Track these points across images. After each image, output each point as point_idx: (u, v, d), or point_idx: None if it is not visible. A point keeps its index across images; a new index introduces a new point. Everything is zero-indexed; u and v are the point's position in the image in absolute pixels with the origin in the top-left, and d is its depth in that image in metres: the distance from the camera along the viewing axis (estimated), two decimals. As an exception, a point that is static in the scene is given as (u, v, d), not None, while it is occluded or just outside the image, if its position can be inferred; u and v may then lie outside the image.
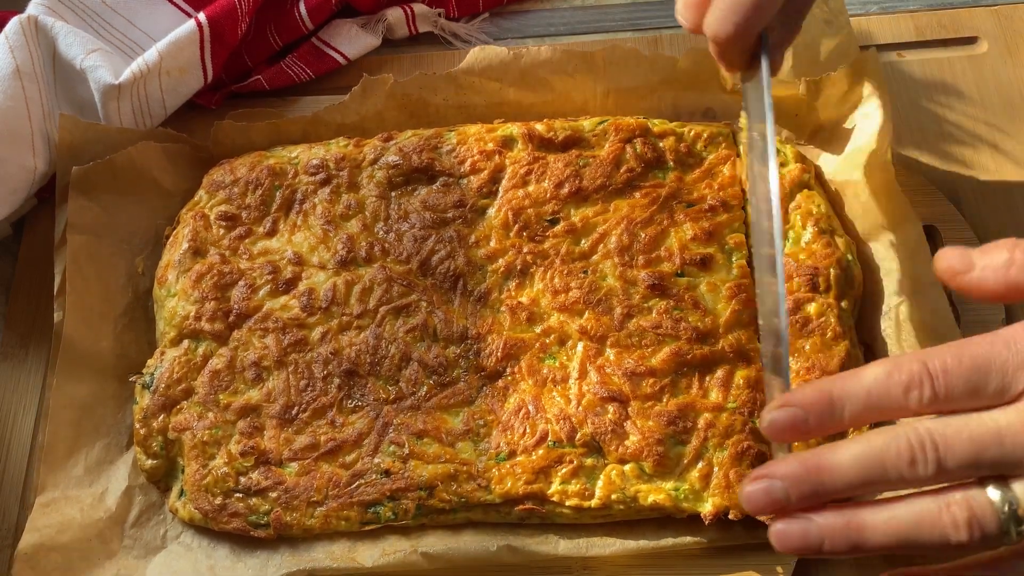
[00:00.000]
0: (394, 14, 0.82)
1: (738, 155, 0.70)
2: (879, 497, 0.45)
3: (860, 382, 0.45)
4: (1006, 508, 0.41)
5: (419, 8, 0.83)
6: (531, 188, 0.70)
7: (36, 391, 0.71)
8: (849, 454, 0.44)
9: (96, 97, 0.74)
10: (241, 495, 0.63)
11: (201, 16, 0.75)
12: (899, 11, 0.82)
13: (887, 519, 0.43)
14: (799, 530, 0.44)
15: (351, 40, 0.81)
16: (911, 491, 0.44)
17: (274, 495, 0.63)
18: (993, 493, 0.41)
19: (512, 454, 0.63)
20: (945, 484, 0.43)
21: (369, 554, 0.62)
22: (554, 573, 0.63)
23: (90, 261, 0.70)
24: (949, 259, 0.49)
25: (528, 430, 0.63)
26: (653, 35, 0.83)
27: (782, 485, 0.45)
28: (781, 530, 0.45)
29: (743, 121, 0.60)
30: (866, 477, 0.43)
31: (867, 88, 0.69)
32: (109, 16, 0.80)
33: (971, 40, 0.80)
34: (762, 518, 0.52)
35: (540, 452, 0.62)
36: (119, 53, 0.78)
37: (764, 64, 0.55)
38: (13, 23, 0.73)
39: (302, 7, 0.80)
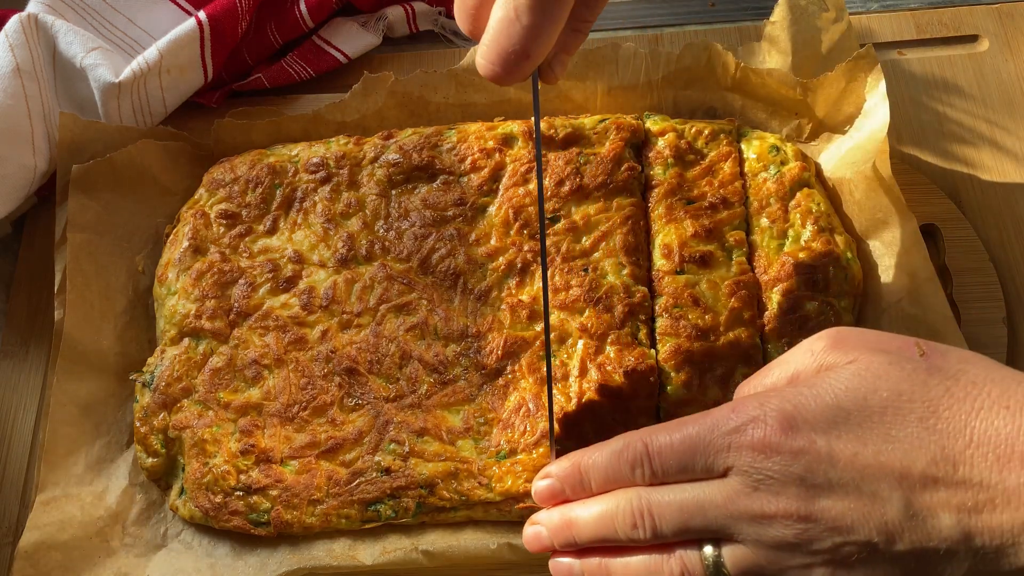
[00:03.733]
0: (394, 12, 0.82)
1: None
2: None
3: (601, 457, 0.52)
4: (712, 565, 0.48)
5: (419, 6, 0.83)
6: (532, 186, 0.70)
7: (36, 389, 0.71)
8: (590, 513, 0.51)
9: (96, 95, 0.74)
10: (241, 493, 0.63)
11: (201, 14, 0.75)
12: (900, 9, 0.82)
13: (625, 564, 0.50)
14: (566, 566, 0.53)
15: (351, 38, 0.81)
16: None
17: (274, 493, 0.63)
18: (706, 551, 0.48)
19: (512, 452, 0.63)
20: (673, 542, 0.49)
21: (369, 552, 0.62)
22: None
23: (90, 259, 0.70)
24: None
25: (529, 428, 0.63)
26: (654, 33, 0.83)
27: (547, 534, 0.53)
28: (554, 564, 0.53)
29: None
30: (603, 534, 0.50)
31: (866, 85, 0.68)
32: (109, 14, 0.80)
33: (972, 38, 0.80)
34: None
35: (541, 450, 0.62)
36: (119, 51, 0.78)
37: (533, 81, 0.54)
38: (13, 21, 0.73)
39: (302, 5, 0.80)
